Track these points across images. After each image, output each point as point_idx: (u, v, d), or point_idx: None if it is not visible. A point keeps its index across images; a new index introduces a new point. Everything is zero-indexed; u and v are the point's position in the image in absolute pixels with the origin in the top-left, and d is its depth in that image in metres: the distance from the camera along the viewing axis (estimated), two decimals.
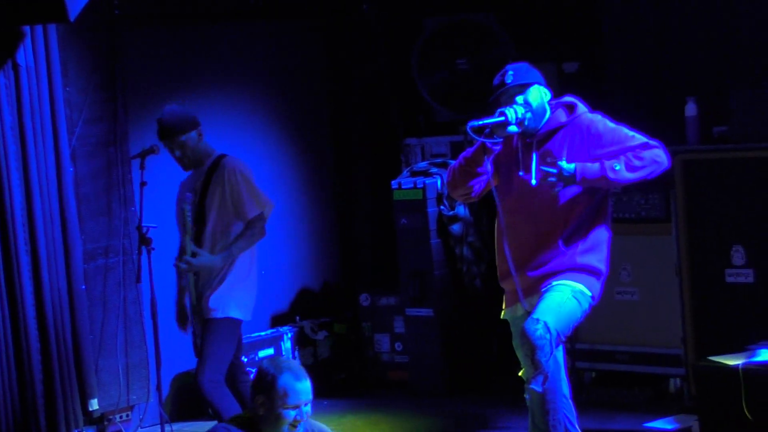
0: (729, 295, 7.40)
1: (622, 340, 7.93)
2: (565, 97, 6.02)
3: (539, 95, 5.90)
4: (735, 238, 7.36)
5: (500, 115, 5.77)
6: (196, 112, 7.28)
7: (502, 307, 6.12)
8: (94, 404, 7.77)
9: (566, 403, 5.90)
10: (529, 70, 5.96)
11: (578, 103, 5.95)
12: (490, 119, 5.79)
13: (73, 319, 7.70)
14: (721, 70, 8.01)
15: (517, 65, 5.98)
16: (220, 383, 6.83)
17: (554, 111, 5.93)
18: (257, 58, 9.12)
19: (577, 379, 7.89)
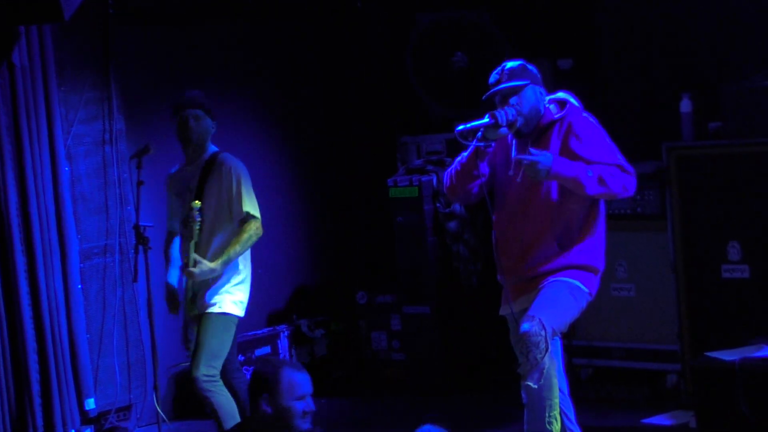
0: (725, 291, 7.40)
1: (619, 337, 7.94)
2: (559, 93, 6.01)
3: (534, 96, 5.88)
4: (731, 234, 7.37)
5: (490, 117, 5.75)
6: (180, 102, 7.30)
7: (500, 303, 6.12)
8: (91, 403, 7.77)
9: (564, 400, 5.91)
10: (524, 70, 5.93)
11: (570, 100, 5.93)
12: (477, 122, 5.77)
13: (70, 319, 7.71)
14: (715, 65, 8.02)
15: (513, 65, 5.95)
16: (216, 378, 6.82)
17: (546, 108, 5.92)
18: (251, 58, 9.12)
19: (574, 375, 7.89)
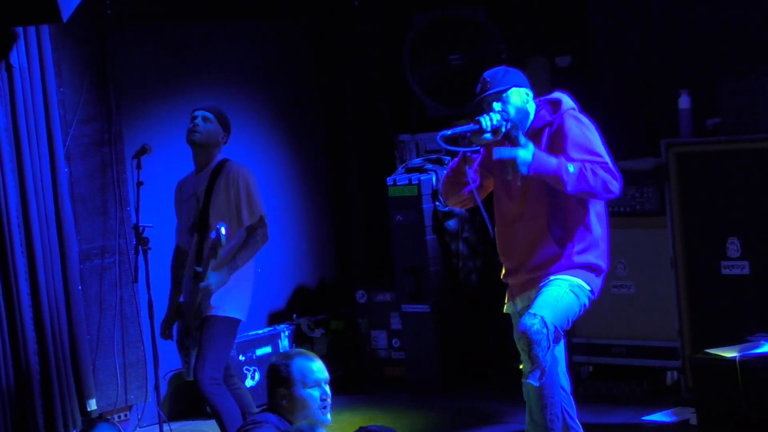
0: (725, 288, 7.41)
1: (619, 334, 7.94)
2: (554, 94, 6.00)
3: (519, 99, 5.87)
4: (730, 231, 7.38)
5: (474, 123, 5.75)
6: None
7: (505, 301, 6.13)
8: (92, 404, 7.77)
9: (566, 398, 5.91)
10: (506, 74, 5.90)
11: (563, 100, 5.92)
12: (461, 128, 5.78)
13: (70, 320, 7.70)
14: (713, 62, 8.03)
15: (493, 71, 5.93)
16: (220, 381, 6.84)
17: (540, 109, 5.91)
18: (249, 57, 9.12)
19: (575, 373, 7.89)
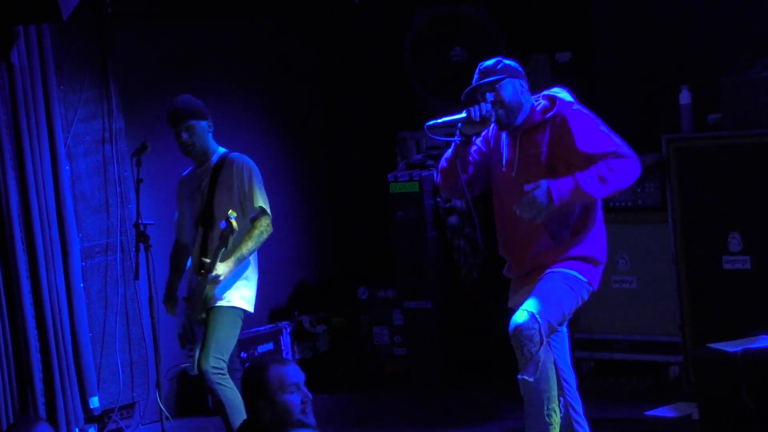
0: (726, 282, 7.41)
1: (620, 329, 7.94)
2: (553, 89, 6.01)
3: (512, 88, 5.88)
4: (731, 225, 7.37)
5: (466, 113, 5.78)
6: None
7: (508, 295, 6.13)
8: (95, 402, 7.78)
9: (571, 392, 5.92)
10: (501, 66, 5.93)
11: (560, 95, 5.91)
12: (448, 117, 5.81)
13: (72, 318, 7.71)
14: (714, 57, 8.02)
15: (489, 62, 5.96)
16: (224, 372, 6.82)
17: (538, 104, 5.91)
18: (249, 54, 9.13)
19: (576, 368, 7.87)
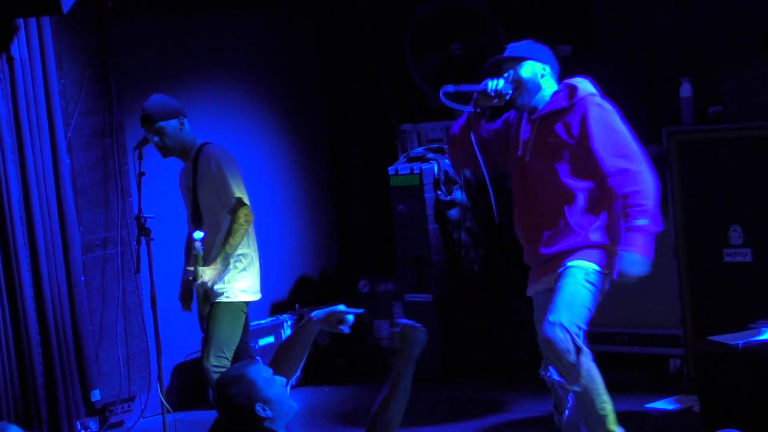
0: (727, 275, 7.40)
1: (621, 322, 7.94)
2: (576, 78, 5.97)
3: (531, 70, 5.88)
4: (732, 218, 7.37)
5: (483, 86, 5.78)
6: (186, 102, 7.28)
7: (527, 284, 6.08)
8: (96, 395, 7.79)
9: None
10: (528, 46, 5.93)
11: (580, 85, 5.90)
12: (465, 86, 5.80)
13: (73, 311, 7.72)
14: (714, 49, 8.02)
15: (520, 42, 5.96)
16: (225, 369, 6.82)
17: (560, 91, 5.90)
18: (250, 48, 9.12)
19: None
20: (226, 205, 6.93)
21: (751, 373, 6.27)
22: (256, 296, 7.09)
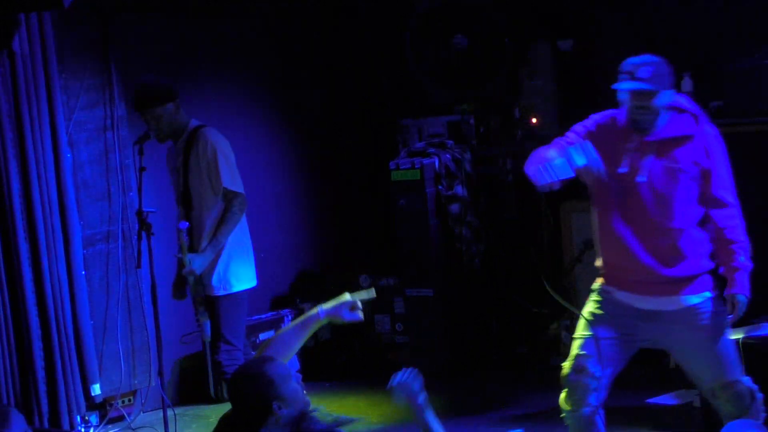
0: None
1: None
2: (679, 98, 5.74)
3: (665, 100, 5.60)
4: None
5: (571, 165, 5.44)
6: (186, 94, 7.27)
7: (598, 281, 5.84)
8: (96, 389, 7.79)
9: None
10: (659, 74, 5.60)
11: (699, 111, 5.72)
12: (554, 171, 5.38)
13: (74, 305, 7.72)
14: (716, 44, 8.01)
15: (656, 60, 5.62)
16: (239, 360, 6.82)
17: (679, 115, 5.67)
18: (250, 43, 9.11)
19: None
20: (217, 191, 6.90)
21: (751, 368, 6.26)
22: (252, 282, 7.09)
